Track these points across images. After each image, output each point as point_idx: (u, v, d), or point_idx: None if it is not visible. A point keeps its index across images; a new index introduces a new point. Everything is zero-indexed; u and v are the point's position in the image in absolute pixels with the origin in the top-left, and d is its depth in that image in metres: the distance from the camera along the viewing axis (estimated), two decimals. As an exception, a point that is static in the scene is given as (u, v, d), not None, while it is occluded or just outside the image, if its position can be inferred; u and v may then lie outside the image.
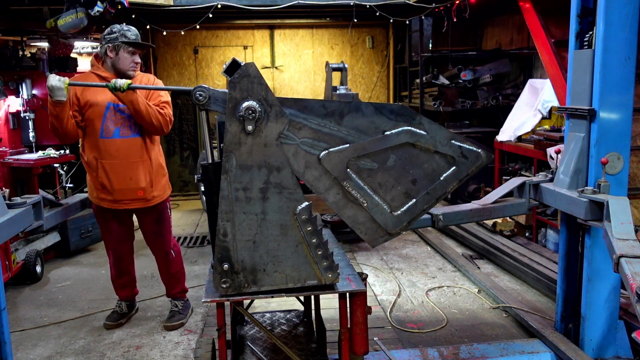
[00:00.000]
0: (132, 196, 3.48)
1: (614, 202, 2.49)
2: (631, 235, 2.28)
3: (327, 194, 2.26)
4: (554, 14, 4.46)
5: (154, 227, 3.70)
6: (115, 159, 3.40)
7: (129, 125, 3.40)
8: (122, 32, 3.38)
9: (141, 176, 3.46)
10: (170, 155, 8.29)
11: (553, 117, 5.53)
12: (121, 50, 3.36)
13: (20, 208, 2.72)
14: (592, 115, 2.82)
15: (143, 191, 3.48)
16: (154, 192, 3.55)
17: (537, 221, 5.33)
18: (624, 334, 3.01)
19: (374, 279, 4.57)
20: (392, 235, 2.34)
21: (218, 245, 2.18)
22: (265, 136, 2.15)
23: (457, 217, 3.02)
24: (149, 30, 7.31)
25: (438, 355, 3.09)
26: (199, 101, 2.19)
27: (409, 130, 2.26)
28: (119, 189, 3.43)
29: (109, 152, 3.39)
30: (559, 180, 2.98)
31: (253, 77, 2.12)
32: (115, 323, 3.74)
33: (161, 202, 3.65)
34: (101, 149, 3.39)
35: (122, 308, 3.85)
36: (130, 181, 3.43)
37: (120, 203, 3.48)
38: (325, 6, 6.28)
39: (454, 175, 2.33)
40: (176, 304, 3.86)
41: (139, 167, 3.45)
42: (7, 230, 2.59)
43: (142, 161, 3.46)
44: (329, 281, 2.25)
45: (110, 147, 3.39)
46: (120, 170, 3.41)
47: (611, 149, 2.78)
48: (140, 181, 3.45)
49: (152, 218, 3.66)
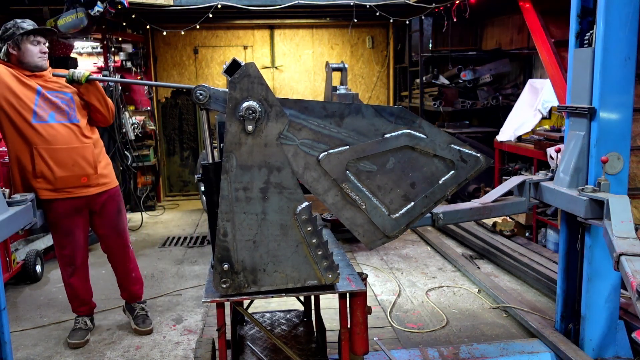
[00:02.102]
0: (76, 183, 3.28)
1: (614, 201, 2.49)
2: (631, 233, 2.29)
3: (326, 196, 2.26)
4: (554, 14, 4.47)
5: (114, 218, 3.52)
6: (54, 144, 3.19)
7: (64, 111, 3.24)
8: (17, 25, 3.18)
9: (83, 161, 3.27)
10: (170, 155, 8.29)
11: (553, 117, 5.53)
12: (22, 43, 3.16)
13: (20, 205, 2.73)
14: (592, 113, 2.82)
15: (87, 177, 3.31)
16: (99, 179, 3.37)
17: (537, 221, 5.33)
18: (624, 334, 3.01)
19: (374, 279, 4.57)
20: (390, 238, 2.35)
21: (218, 245, 2.18)
22: (265, 136, 2.15)
23: (457, 215, 3.02)
24: (149, 30, 7.32)
25: (438, 355, 3.09)
26: (200, 100, 2.19)
27: (408, 133, 2.26)
28: (61, 177, 3.22)
29: (46, 138, 3.19)
30: (559, 178, 2.98)
31: (253, 77, 2.12)
32: (82, 341, 3.48)
33: (114, 189, 3.50)
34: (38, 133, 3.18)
35: (85, 323, 3.62)
36: (73, 167, 3.24)
37: (61, 192, 3.26)
38: (325, 6, 6.28)
39: (453, 179, 2.34)
40: (142, 306, 3.76)
41: (81, 152, 3.27)
42: (8, 228, 2.59)
43: (84, 146, 3.28)
44: (329, 281, 2.25)
45: (47, 132, 3.19)
46: (60, 156, 3.21)
47: (611, 149, 2.78)
48: (83, 167, 3.27)
49: (113, 208, 3.49)
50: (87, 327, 3.61)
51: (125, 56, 7.31)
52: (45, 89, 3.23)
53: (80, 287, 3.58)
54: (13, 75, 3.17)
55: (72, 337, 3.51)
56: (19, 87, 3.15)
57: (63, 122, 3.23)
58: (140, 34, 7.48)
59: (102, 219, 3.51)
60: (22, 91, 3.15)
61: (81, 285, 3.58)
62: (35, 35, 3.21)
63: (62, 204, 3.31)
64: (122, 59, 7.30)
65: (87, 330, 3.59)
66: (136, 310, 3.74)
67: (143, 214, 6.78)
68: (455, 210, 3.02)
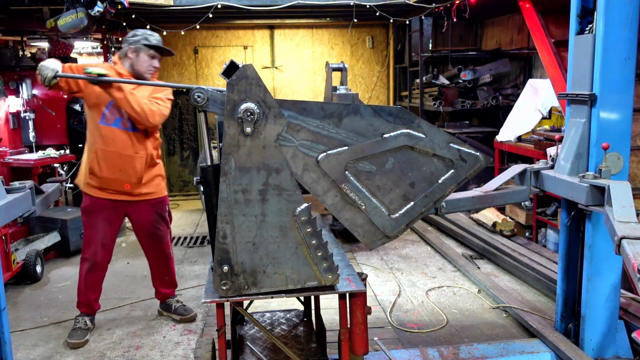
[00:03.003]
0: (118, 188, 3.47)
1: (615, 186, 2.48)
2: (633, 218, 2.27)
3: (326, 197, 2.25)
4: (554, 14, 4.47)
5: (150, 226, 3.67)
6: (109, 146, 3.41)
7: (128, 120, 3.40)
8: (145, 36, 3.47)
9: (130, 170, 3.45)
10: (170, 155, 8.30)
11: (553, 117, 5.53)
12: (141, 53, 3.43)
13: (19, 192, 2.73)
14: (593, 100, 2.80)
15: (130, 185, 3.48)
16: (141, 189, 3.53)
17: (537, 221, 5.34)
18: (624, 334, 3.01)
19: (374, 279, 4.57)
20: (390, 238, 2.34)
21: (218, 248, 2.18)
22: (263, 138, 2.14)
23: (459, 204, 3.00)
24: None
25: (438, 355, 3.09)
26: (198, 102, 2.18)
27: (407, 133, 2.25)
28: (106, 178, 3.44)
29: (104, 139, 3.41)
30: (560, 166, 2.97)
31: (251, 78, 2.11)
32: (82, 341, 3.49)
33: (158, 199, 3.64)
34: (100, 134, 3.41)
35: (85, 323, 3.62)
36: (120, 173, 3.43)
37: (104, 191, 3.48)
38: (325, 6, 6.28)
39: (452, 178, 2.33)
40: (176, 299, 3.90)
41: (131, 161, 3.44)
42: (7, 214, 2.60)
43: (136, 156, 3.45)
44: (329, 282, 2.25)
45: (107, 135, 3.40)
46: (111, 159, 3.41)
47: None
48: (129, 175, 3.45)
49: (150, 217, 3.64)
50: (86, 327, 3.61)
51: (125, 56, 7.30)
52: None
53: (92, 284, 3.64)
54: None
55: (71, 336, 3.52)
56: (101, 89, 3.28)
57: (125, 129, 3.42)
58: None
59: (138, 224, 3.67)
60: (102, 94, 3.28)
61: (94, 284, 3.65)
62: (156, 50, 3.47)
63: (102, 200, 3.50)
64: (122, 59, 7.29)
65: (87, 330, 3.59)
66: (172, 305, 3.86)
67: (143, 214, 6.77)
68: (458, 199, 3.00)
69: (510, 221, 5.23)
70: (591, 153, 2.85)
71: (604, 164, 2.69)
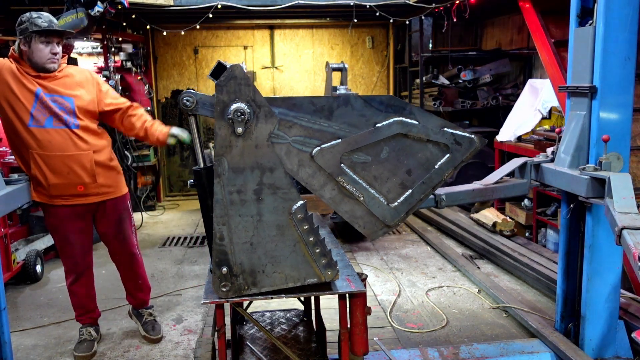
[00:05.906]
0: (72, 191, 3.10)
1: (615, 178, 2.48)
2: (633, 209, 2.28)
3: (323, 191, 2.25)
4: (554, 14, 4.47)
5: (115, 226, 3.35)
6: (47, 150, 3.01)
7: (61, 117, 3.03)
8: (32, 21, 2.95)
9: (79, 170, 3.07)
10: (170, 155, 8.30)
11: (553, 117, 5.53)
12: (33, 41, 2.95)
13: (17, 184, 2.74)
14: (594, 92, 2.79)
15: (83, 186, 3.11)
16: (99, 188, 3.17)
17: (537, 221, 5.34)
18: (623, 334, 3.01)
19: (374, 279, 4.57)
20: (390, 227, 2.33)
21: (215, 249, 2.18)
22: (255, 137, 2.14)
23: (459, 196, 3.00)
24: (149, 30, 7.32)
25: (438, 355, 3.09)
26: (187, 107, 2.17)
27: (400, 120, 2.24)
28: (54, 184, 3.05)
29: (40, 143, 3.01)
30: (560, 159, 2.96)
31: (240, 78, 2.10)
32: (89, 353, 3.29)
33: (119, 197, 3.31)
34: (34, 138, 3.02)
35: (90, 334, 3.41)
36: (68, 175, 3.05)
37: (57, 199, 3.11)
38: (325, 6, 6.28)
39: (448, 163, 2.32)
40: (150, 312, 3.62)
41: (77, 160, 3.06)
42: (6, 205, 2.60)
43: (81, 154, 3.07)
44: (329, 278, 2.25)
45: (42, 137, 3.01)
46: (53, 164, 3.02)
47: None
48: (79, 175, 3.08)
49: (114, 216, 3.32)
50: (92, 337, 3.41)
51: (125, 56, 7.32)
52: (47, 91, 3.02)
53: (82, 295, 3.40)
54: (15, 74, 2.98)
55: (78, 349, 3.32)
56: (19, 87, 2.98)
57: (60, 127, 3.03)
58: (141, 34, 7.49)
59: (103, 225, 3.34)
60: (21, 92, 2.97)
61: (84, 293, 3.40)
62: (49, 34, 2.98)
63: (60, 209, 3.16)
64: (122, 59, 7.31)
65: (93, 340, 3.40)
66: (144, 316, 3.59)
67: (143, 214, 6.79)
68: (458, 191, 2.99)
69: (510, 221, 5.23)
70: (591, 146, 2.84)
71: (605, 155, 2.68)
